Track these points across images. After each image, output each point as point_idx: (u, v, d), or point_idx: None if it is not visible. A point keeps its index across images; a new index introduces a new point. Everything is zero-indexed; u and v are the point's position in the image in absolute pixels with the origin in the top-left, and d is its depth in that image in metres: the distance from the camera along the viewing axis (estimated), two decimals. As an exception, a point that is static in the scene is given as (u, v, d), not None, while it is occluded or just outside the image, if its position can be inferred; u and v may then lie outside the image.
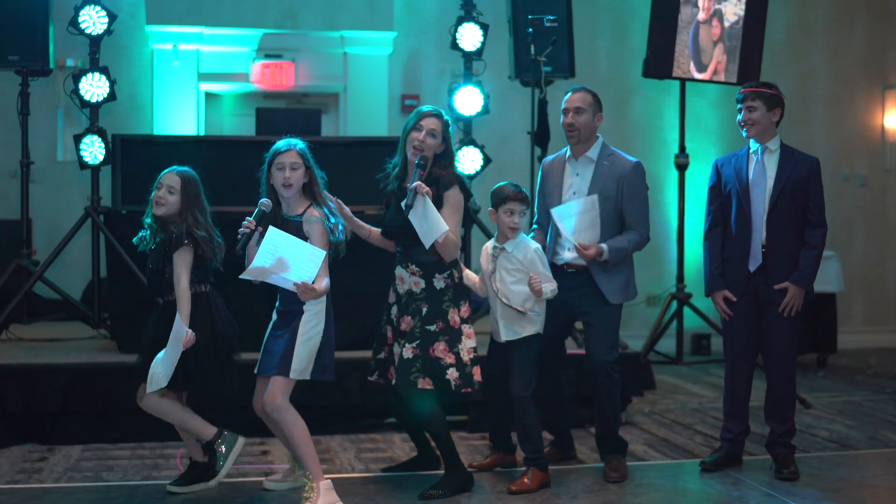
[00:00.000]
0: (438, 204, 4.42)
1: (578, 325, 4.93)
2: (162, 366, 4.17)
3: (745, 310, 4.84)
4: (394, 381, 4.46)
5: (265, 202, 4.32)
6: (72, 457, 5.11)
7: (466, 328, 4.51)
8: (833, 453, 5.33)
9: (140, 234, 4.44)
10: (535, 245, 4.63)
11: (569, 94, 4.85)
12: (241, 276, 4.17)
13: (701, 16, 7.39)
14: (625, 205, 4.74)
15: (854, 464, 5.15)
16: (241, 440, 4.47)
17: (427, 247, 4.39)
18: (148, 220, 4.40)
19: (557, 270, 4.73)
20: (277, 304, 4.38)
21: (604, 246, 4.65)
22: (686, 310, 7.58)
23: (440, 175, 4.49)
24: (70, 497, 4.40)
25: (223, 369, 4.38)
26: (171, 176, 4.38)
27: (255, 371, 4.40)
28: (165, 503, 4.34)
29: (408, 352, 4.41)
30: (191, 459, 4.53)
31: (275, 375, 4.24)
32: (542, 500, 4.42)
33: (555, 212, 4.74)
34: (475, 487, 4.53)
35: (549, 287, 4.55)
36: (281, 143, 4.39)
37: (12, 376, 5.29)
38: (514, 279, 4.57)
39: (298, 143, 4.40)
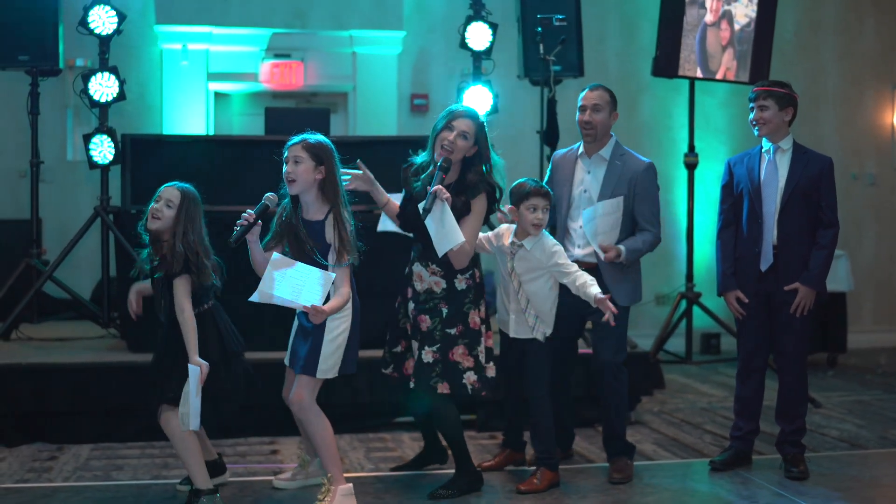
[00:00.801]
0: (466, 211, 4.27)
1: (589, 324, 4.92)
2: (189, 407, 3.99)
3: (756, 309, 4.82)
4: (412, 385, 4.36)
5: (270, 196, 4.14)
6: (81, 456, 5.12)
7: (486, 329, 4.43)
8: (843, 453, 5.31)
9: (139, 252, 4.20)
10: (555, 242, 4.57)
11: (585, 91, 4.81)
12: (250, 300, 3.99)
13: (709, 18, 7.36)
14: (636, 205, 4.71)
15: (864, 463, 5.14)
16: None
17: (440, 254, 4.24)
18: (143, 233, 4.16)
19: None
20: None
21: (622, 247, 4.63)
22: (695, 309, 7.58)
23: (470, 181, 4.32)
24: (79, 496, 4.40)
25: (230, 389, 4.22)
26: (171, 190, 4.13)
27: (286, 362, 4.34)
28: (175, 502, 4.34)
29: (427, 356, 4.32)
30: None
31: (301, 374, 4.15)
32: (552, 500, 4.41)
33: (586, 213, 4.69)
34: (484, 487, 4.52)
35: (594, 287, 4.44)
36: (295, 137, 4.18)
37: (22, 376, 5.30)
38: (529, 278, 4.53)
39: (310, 137, 4.15)
